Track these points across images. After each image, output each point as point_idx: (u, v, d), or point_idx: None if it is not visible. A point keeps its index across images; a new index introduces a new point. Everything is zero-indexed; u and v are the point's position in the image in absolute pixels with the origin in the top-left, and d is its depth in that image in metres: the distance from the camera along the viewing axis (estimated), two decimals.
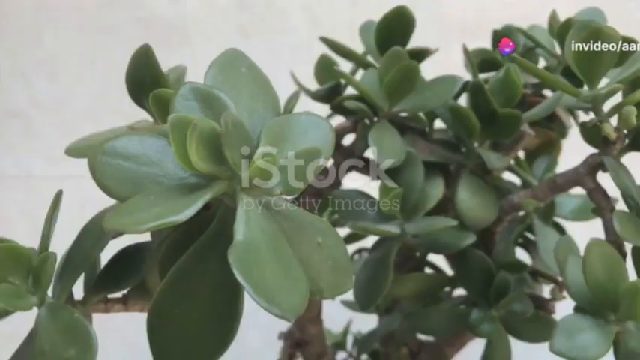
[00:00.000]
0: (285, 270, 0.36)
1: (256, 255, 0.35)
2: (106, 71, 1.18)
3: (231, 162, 0.36)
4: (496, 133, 0.64)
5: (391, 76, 0.61)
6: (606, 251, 0.52)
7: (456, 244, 0.61)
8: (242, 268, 0.34)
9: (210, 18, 1.22)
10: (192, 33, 1.21)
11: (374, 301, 0.62)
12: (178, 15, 1.21)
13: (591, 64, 0.55)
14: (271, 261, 0.36)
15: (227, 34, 1.21)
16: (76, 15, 1.17)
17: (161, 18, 1.20)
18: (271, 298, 0.34)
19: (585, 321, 0.52)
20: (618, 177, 0.55)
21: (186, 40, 1.21)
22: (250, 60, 0.45)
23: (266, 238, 0.37)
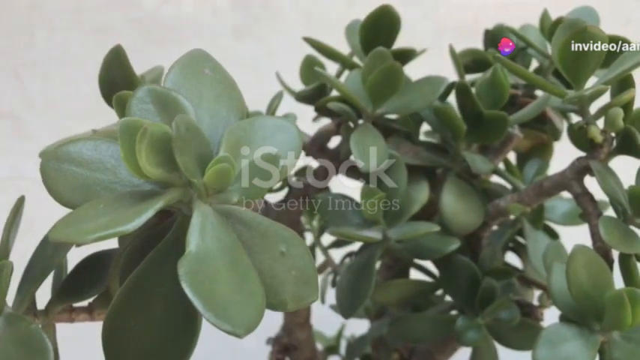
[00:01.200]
0: (240, 283, 0.34)
1: (209, 267, 0.33)
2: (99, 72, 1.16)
3: (183, 168, 0.34)
4: (482, 135, 0.62)
5: (373, 77, 0.59)
6: (591, 258, 0.50)
7: (440, 250, 0.59)
8: (192, 280, 0.32)
9: (204, 18, 1.20)
10: (187, 33, 1.19)
11: (356, 308, 0.60)
12: (172, 15, 1.19)
13: (577, 65, 0.53)
14: (226, 273, 0.34)
15: (222, 34, 1.19)
16: (69, 15, 1.16)
17: (155, 18, 1.18)
18: (221, 313, 0.31)
19: (569, 330, 0.50)
20: (605, 181, 0.53)
21: (181, 40, 1.19)
22: (215, 61, 0.43)
23: (222, 249, 0.35)
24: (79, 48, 1.16)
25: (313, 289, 0.39)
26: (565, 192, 0.58)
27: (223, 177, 0.35)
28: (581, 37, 0.51)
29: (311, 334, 0.82)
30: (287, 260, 0.38)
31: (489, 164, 0.61)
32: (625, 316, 0.47)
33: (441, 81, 0.61)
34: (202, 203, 0.36)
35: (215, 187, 0.35)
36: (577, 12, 0.71)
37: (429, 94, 0.61)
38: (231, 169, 0.35)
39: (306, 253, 0.39)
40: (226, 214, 0.37)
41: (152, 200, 0.34)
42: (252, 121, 0.40)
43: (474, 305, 0.60)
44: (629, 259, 0.52)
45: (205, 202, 0.36)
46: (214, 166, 0.35)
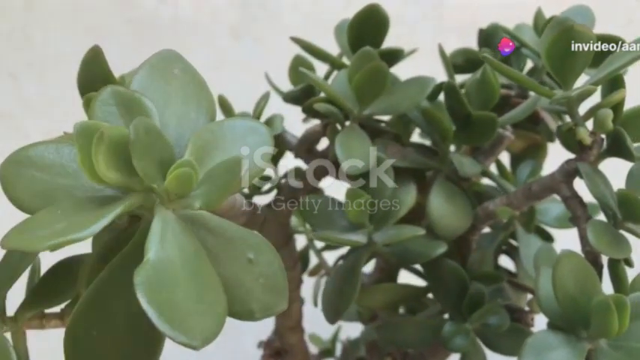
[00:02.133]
0: (200, 292, 0.32)
1: (168, 276, 0.32)
2: None
3: (142, 173, 0.32)
4: (471, 136, 0.60)
5: (359, 77, 0.58)
6: (578, 264, 0.48)
7: (426, 254, 0.58)
8: (148, 290, 0.30)
9: (201, 19, 1.19)
10: (184, 34, 1.18)
11: (341, 313, 0.58)
12: (169, 15, 1.18)
13: (564, 65, 0.51)
14: (185, 282, 0.32)
15: (218, 34, 1.18)
16: (65, 16, 1.14)
17: (152, 19, 1.17)
18: (177, 324, 0.30)
19: (556, 338, 0.49)
20: (594, 184, 0.51)
21: (177, 41, 1.17)
22: (186, 62, 0.41)
23: (183, 257, 0.33)
24: (75, 48, 1.14)
25: (282, 298, 0.37)
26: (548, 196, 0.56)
27: (184, 182, 0.33)
28: (568, 36, 0.50)
29: (303, 338, 0.81)
30: (254, 268, 0.37)
31: (477, 166, 0.59)
32: (612, 324, 0.46)
33: (428, 81, 0.59)
34: (164, 209, 0.34)
35: (177, 193, 0.34)
36: (571, 11, 0.69)
37: (415, 95, 0.59)
38: (193, 174, 0.33)
39: (275, 260, 0.37)
40: (191, 221, 0.36)
41: (111, 206, 0.33)
42: (221, 124, 0.38)
43: (462, 310, 0.59)
44: (618, 265, 0.50)
45: (168, 208, 0.34)
46: (175, 170, 0.33)
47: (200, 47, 1.20)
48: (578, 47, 0.50)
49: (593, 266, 0.51)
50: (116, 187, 0.34)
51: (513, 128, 0.68)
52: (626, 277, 0.51)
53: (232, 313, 0.35)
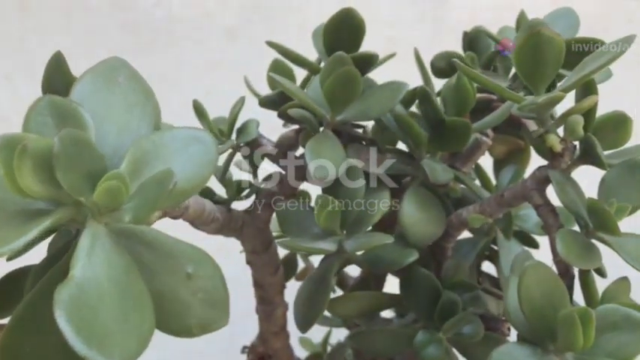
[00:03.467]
0: (127, 311, 0.31)
1: (92, 294, 0.30)
2: None
3: (66, 186, 0.31)
4: (445, 142, 0.58)
5: (330, 82, 0.56)
6: (545, 274, 0.46)
7: (398, 262, 0.56)
8: (68, 308, 0.29)
9: (196, 20, 1.17)
10: (178, 35, 1.17)
11: (312, 322, 0.57)
12: (164, 17, 1.16)
13: (534, 70, 0.49)
14: (111, 301, 0.31)
15: (214, 36, 1.16)
16: (60, 18, 1.13)
17: (146, 21, 1.16)
18: (95, 344, 0.28)
19: (521, 351, 0.47)
20: (564, 192, 0.49)
21: (172, 43, 1.16)
22: (132, 70, 0.40)
23: (111, 273, 0.32)
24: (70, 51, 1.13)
25: (222, 314, 0.36)
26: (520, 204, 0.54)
27: (113, 195, 0.32)
28: (536, 41, 0.48)
29: (288, 343, 0.79)
30: (193, 282, 0.35)
31: (450, 173, 0.57)
32: (577, 338, 0.44)
33: (400, 86, 0.58)
34: (96, 223, 0.33)
35: (107, 206, 0.32)
36: (555, 14, 0.68)
37: (387, 101, 0.57)
38: (122, 187, 0.32)
39: (215, 274, 0.36)
40: (125, 235, 0.34)
41: (39, 220, 0.31)
42: (163, 134, 0.37)
43: (435, 319, 0.57)
44: (587, 275, 0.48)
45: (100, 222, 0.33)
46: (103, 183, 0.32)
47: (195, 49, 1.18)
48: (546, 51, 0.48)
49: (564, 277, 0.50)
50: (46, 200, 0.33)
51: (495, 133, 0.67)
52: (595, 288, 0.49)
53: (169, 329, 0.34)
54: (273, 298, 0.74)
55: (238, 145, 0.64)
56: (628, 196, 0.50)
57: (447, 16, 1.26)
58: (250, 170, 0.70)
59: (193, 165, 0.37)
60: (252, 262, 0.72)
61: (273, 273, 0.73)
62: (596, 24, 1.25)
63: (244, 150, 0.65)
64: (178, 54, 1.16)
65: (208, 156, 0.37)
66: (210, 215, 0.58)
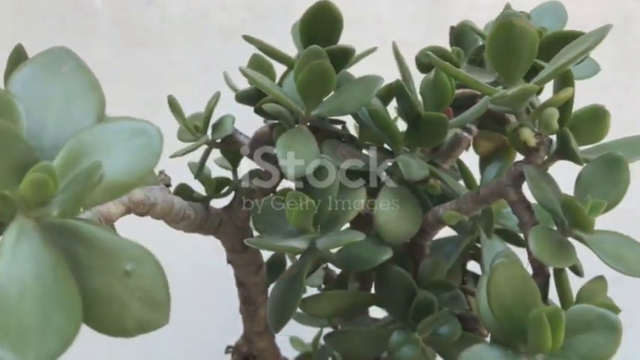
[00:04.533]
0: (50, 310, 0.29)
1: (12, 291, 0.28)
2: None
3: None
4: (422, 138, 0.56)
5: (302, 76, 0.54)
6: (515, 273, 0.44)
7: (371, 260, 0.53)
8: None
9: (191, 20, 1.16)
10: (173, 35, 1.15)
11: (284, 322, 0.54)
12: (158, 17, 1.15)
13: (507, 62, 0.47)
14: (33, 299, 0.29)
15: (208, 36, 1.14)
16: (53, 18, 1.12)
17: (140, 20, 1.14)
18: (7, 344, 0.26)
19: (491, 352, 0.44)
20: (539, 189, 0.47)
21: (165, 42, 1.14)
22: (78, 60, 0.38)
23: (37, 270, 0.30)
24: None
25: (162, 314, 0.33)
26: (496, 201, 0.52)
27: (39, 188, 0.30)
28: (507, 32, 0.46)
29: (273, 342, 0.77)
30: (132, 281, 0.33)
31: (425, 169, 0.55)
32: (545, 338, 0.41)
33: (375, 80, 0.55)
34: (24, 217, 0.31)
35: (35, 200, 0.30)
36: (542, 7, 0.65)
37: (362, 95, 0.55)
38: (49, 180, 0.30)
39: (156, 272, 0.34)
40: (57, 230, 0.32)
41: None
42: (106, 126, 0.35)
43: (410, 319, 0.55)
44: (560, 274, 0.46)
45: (29, 217, 0.31)
46: (30, 176, 0.30)
47: (189, 48, 1.16)
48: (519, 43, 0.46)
49: (538, 276, 0.47)
50: None
51: (480, 130, 0.64)
52: (569, 287, 0.46)
53: (103, 329, 0.32)
54: (256, 298, 0.72)
55: (214, 142, 0.62)
56: (605, 193, 0.47)
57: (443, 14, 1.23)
58: (230, 167, 0.68)
59: (135, 157, 0.35)
60: (233, 261, 0.71)
61: (256, 272, 0.71)
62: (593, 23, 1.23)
63: (220, 146, 0.63)
64: (172, 54, 1.14)
65: (152, 148, 0.35)
66: (181, 212, 0.56)
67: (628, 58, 1.19)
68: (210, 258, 0.89)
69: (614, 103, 1.17)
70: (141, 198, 0.51)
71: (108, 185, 0.33)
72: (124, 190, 0.35)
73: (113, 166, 0.34)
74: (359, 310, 0.65)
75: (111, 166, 0.34)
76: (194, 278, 1.09)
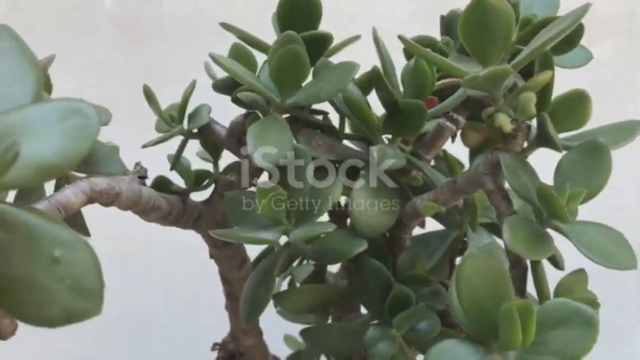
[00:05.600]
0: None
1: None
2: (81, 72, 1.11)
3: None
4: (400, 126, 0.53)
5: (274, 62, 0.51)
6: (486, 265, 0.41)
7: (345, 252, 0.51)
8: None
9: (187, 16, 1.13)
10: (169, 32, 1.13)
11: (256, 315, 0.52)
12: (155, 14, 1.13)
13: (481, 43, 0.44)
14: None
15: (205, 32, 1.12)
16: (51, 15, 1.10)
17: (137, 17, 1.12)
18: None
19: (462, 348, 0.42)
20: (515, 177, 0.44)
21: (163, 39, 1.12)
22: (17, 38, 0.36)
23: None
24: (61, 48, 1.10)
25: (93, 302, 0.31)
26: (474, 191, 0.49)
27: None
28: (481, 11, 0.43)
29: (260, 340, 0.74)
30: (60, 267, 0.31)
31: (402, 159, 0.52)
32: (515, 334, 0.38)
33: (351, 67, 0.53)
34: None
35: None
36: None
37: (338, 82, 0.52)
38: None
39: (89, 259, 0.31)
40: None
41: None
42: (40, 106, 0.33)
43: (385, 314, 0.52)
44: (536, 267, 0.43)
45: None
46: None
47: (186, 46, 1.14)
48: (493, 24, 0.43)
49: (515, 268, 0.45)
50: None
51: (469, 121, 0.61)
52: (545, 280, 0.43)
53: (25, 318, 0.29)
54: (240, 294, 0.70)
55: (190, 132, 0.60)
56: (585, 181, 0.44)
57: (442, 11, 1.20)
58: (211, 159, 0.66)
59: (69, 138, 0.32)
60: (215, 256, 0.68)
61: (239, 267, 0.69)
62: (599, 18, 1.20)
63: (197, 136, 0.60)
64: (169, 50, 1.12)
65: (88, 129, 0.33)
66: (150, 203, 0.54)
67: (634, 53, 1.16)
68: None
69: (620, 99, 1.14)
70: (104, 187, 0.48)
71: (37, 166, 0.31)
72: (57, 173, 0.33)
73: (43, 146, 0.32)
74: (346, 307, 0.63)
75: (40, 147, 0.32)
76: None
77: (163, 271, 1.11)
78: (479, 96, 0.49)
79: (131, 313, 1.11)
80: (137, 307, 1.13)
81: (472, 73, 0.43)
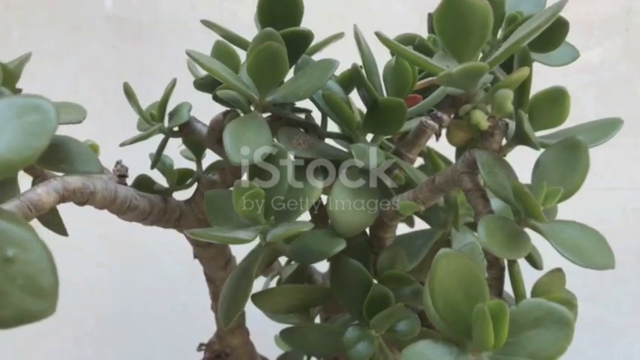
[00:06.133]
0: None
1: None
2: (75, 69, 1.11)
3: None
4: (381, 124, 0.53)
5: (252, 59, 0.51)
6: (460, 265, 0.40)
7: (324, 252, 0.50)
8: None
9: (181, 14, 1.13)
10: (163, 30, 1.12)
11: (232, 317, 0.51)
12: (149, 11, 1.12)
13: (456, 39, 0.43)
14: None
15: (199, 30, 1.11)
16: (44, 12, 1.10)
17: (131, 15, 1.12)
18: None
19: (435, 350, 0.41)
20: (491, 176, 0.43)
21: (157, 37, 1.12)
22: None
23: None
24: (55, 45, 1.10)
25: (47, 303, 0.30)
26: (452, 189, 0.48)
27: None
28: (457, 7, 0.42)
29: (247, 340, 0.74)
30: (13, 267, 0.30)
31: (382, 157, 0.51)
32: (487, 335, 0.38)
33: (330, 64, 0.52)
34: None
35: None
36: None
37: (316, 79, 0.52)
38: None
39: (43, 258, 0.31)
40: None
41: None
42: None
43: (364, 314, 0.51)
44: (512, 266, 0.42)
45: None
46: None
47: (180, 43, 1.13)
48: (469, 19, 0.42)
49: (493, 268, 0.44)
50: None
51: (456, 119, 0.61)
52: (521, 280, 0.43)
53: None
54: None
55: (170, 130, 0.59)
56: (563, 179, 0.44)
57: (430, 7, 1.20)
58: (194, 158, 0.65)
59: (25, 135, 0.32)
60: (198, 255, 0.68)
61: (223, 267, 0.68)
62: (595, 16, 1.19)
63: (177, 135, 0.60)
64: (163, 48, 1.12)
65: (45, 126, 0.32)
66: (126, 202, 0.53)
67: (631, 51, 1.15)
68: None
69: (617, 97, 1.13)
70: (78, 186, 0.48)
71: None
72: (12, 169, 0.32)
73: None
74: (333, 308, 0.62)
75: None
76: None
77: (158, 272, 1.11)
78: (457, 93, 0.48)
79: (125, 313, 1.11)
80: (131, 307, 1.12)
81: (446, 69, 0.42)
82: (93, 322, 1.10)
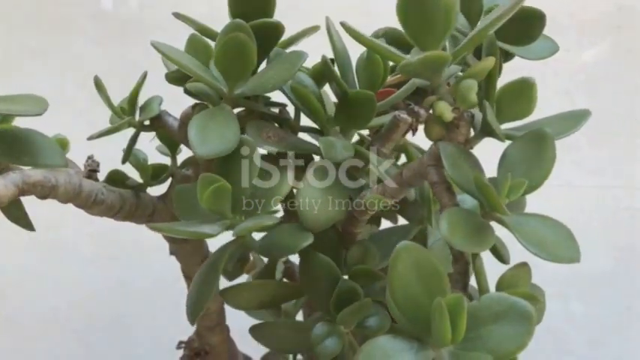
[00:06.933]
0: None
1: None
2: (60, 68, 1.10)
3: None
4: (351, 118, 0.52)
5: (219, 51, 0.50)
6: (420, 259, 0.40)
7: (292, 247, 0.49)
8: None
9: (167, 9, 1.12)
10: (149, 27, 1.12)
11: (197, 313, 0.51)
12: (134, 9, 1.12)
13: (420, 29, 0.42)
14: None
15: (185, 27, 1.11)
16: (29, 10, 1.09)
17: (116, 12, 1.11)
18: None
19: (396, 344, 0.40)
20: (455, 168, 0.42)
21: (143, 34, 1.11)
22: None
23: None
24: (40, 44, 1.09)
25: None
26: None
27: None
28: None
29: (226, 338, 0.73)
30: None
31: (350, 150, 0.50)
32: (445, 330, 0.37)
33: (299, 56, 0.51)
34: None
35: None
36: None
37: (285, 72, 0.51)
38: None
39: None
40: None
41: None
42: None
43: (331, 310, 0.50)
44: (475, 260, 0.42)
45: None
46: None
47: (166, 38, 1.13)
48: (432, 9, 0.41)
49: (458, 263, 0.43)
50: None
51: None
52: (483, 274, 0.42)
53: None
54: None
55: (141, 124, 0.58)
56: (529, 171, 0.43)
57: None
58: (169, 153, 0.64)
59: None
60: (175, 252, 0.67)
61: (200, 264, 0.67)
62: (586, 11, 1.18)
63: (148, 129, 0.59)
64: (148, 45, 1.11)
65: None
66: (91, 197, 0.52)
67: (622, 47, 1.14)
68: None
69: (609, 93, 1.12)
70: (38, 179, 0.47)
71: None
72: None
73: None
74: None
75: None
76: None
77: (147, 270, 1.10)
78: (424, 85, 0.47)
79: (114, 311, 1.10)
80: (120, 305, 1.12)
81: (407, 58, 0.41)
82: (82, 320, 1.09)
